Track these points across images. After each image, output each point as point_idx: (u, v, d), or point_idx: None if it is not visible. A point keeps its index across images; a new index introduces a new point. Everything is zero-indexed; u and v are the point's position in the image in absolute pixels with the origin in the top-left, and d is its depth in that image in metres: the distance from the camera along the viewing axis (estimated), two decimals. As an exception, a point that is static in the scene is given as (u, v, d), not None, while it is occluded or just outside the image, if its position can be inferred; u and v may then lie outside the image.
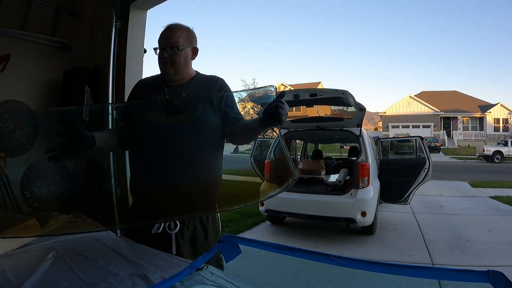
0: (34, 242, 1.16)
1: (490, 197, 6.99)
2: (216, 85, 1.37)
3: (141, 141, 1.33)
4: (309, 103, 4.28)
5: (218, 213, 1.44)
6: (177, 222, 1.27)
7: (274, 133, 5.21)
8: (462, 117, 28.99)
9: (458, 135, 28.11)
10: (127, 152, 1.53)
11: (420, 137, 4.84)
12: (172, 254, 1.19)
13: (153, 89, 1.37)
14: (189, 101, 1.32)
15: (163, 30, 1.31)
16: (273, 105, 1.09)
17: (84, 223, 1.38)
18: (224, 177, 1.45)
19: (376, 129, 43.61)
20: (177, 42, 1.28)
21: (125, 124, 1.43)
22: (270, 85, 1.20)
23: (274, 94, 1.18)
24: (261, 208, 4.40)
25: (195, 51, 1.37)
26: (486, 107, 29.12)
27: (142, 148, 1.33)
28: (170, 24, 1.33)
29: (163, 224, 1.25)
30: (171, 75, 1.33)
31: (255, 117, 1.24)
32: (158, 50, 1.32)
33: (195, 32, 1.38)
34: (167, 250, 1.22)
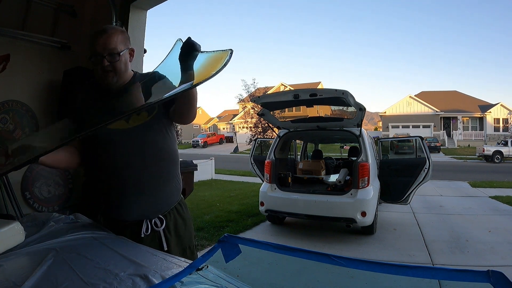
0: (34, 242, 1.16)
1: (490, 197, 6.99)
2: (155, 76, 1.30)
3: (104, 150, 1.26)
4: (309, 103, 4.28)
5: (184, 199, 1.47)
6: (162, 217, 1.30)
7: (274, 133, 5.18)
8: (462, 117, 28.98)
9: (458, 135, 28.10)
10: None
11: (420, 137, 4.84)
12: (165, 252, 1.21)
13: (99, 95, 1.30)
14: (132, 101, 1.27)
15: (97, 36, 1.20)
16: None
17: (84, 224, 1.38)
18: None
19: (376, 129, 43.62)
20: (116, 48, 1.19)
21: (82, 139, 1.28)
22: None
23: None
24: (261, 208, 4.40)
25: (132, 52, 1.30)
26: (486, 107, 29.11)
27: (105, 158, 1.27)
28: (105, 27, 1.22)
29: (149, 224, 1.27)
30: (114, 83, 1.24)
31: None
32: (93, 59, 1.20)
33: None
34: (159, 249, 1.24)
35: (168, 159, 1.33)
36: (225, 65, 1.02)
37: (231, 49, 1.07)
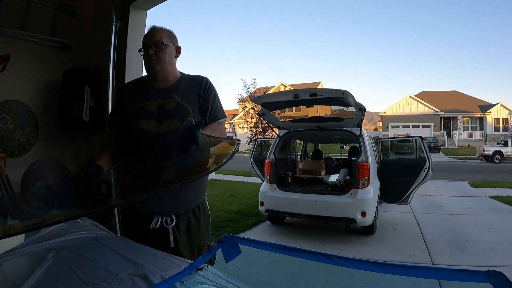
0: (34, 242, 1.16)
1: (490, 197, 6.99)
2: (202, 84, 1.41)
3: (135, 147, 1.37)
4: (309, 103, 4.27)
5: (207, 202, 1.50)
6: (173, 217, 1.33)
7: (274, 133, 5.17)
8: (462, 117, 28.97)
9: (458, 135, 28.09)
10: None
11: (420, 137, 4.83)
12: (171, 248, 1.27)
13: (143, 94, 1.39)
14: (180, 105, 1.35)
15: (147, 32, 1.40)
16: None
17: (84, 224, 1.38)
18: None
19: (376, 129, 43.61)
20: (161, 39, 1.36)
21: (117, 132, 1.44)
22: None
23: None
24: (261, 208, 4.40)
25: (178, 50, 1.43)
26: (486, 107, 29.10)
27: (135, 154, 1.37)
28: (153, 26, 1.42)
29: (160, 219, 1.31)
30: (157, 71, 1.36)
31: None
32: (143, 51, 1.38)
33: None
34: (165, 244, 1.29)
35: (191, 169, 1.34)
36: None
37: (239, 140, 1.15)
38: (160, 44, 1.35)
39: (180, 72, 1.46)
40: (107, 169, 1.32)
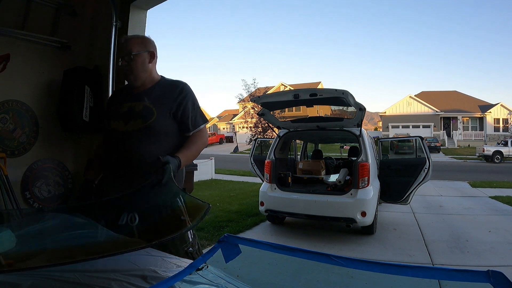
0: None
1: (490, 197, 6.99)
2: (177, 89, 1.46)
3: (106, 147, 1.50)
4: (309, 103, 4.27)
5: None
6: (136, 215, 1.32)
7: (274, 133, 5.17)
8: (462, 117, 28.97)
9: (458, 135, 28.08)
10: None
11: (420, 137, 4.83)
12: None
13: (122, 97, 1.51)
14: (147, 107, 1.41)
15: (118, 42, 1.53)
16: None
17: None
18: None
19: (376, 129, 43.61)
20: (131, 51, 1.41)
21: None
22: None
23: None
24: (261, 208, 4.40)
25: (152, 55, 1.47)
26: (486, 107, 29.10)
27: (106, 153, 1.49)
28: (124, 37, 1.48)
29: (126, 216, 1.31)
30: (132, 81, 1.44)
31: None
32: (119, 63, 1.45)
33: (153, 39, 1.51)
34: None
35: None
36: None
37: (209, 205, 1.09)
38: (130, 56, 1.40)
39: (161, 76, 1.52)
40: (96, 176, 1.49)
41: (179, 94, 1.43)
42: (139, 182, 1.31)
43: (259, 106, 4.57)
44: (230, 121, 40.31)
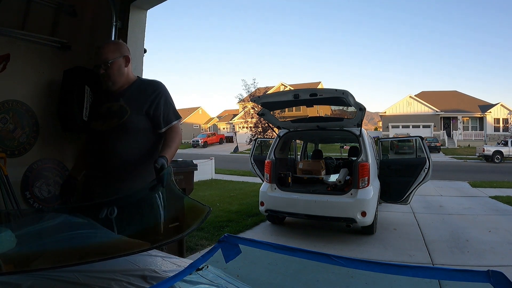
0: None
1: (490, 197, 6.99)
2: (152, 88, 1.54)
3: (87, 146, 1.60)
4: (309, 103, 4.27)
5: None
6: (115, 208, 1.36)
7: (274, 133, 5.18)
8: (462, 117, 28.96)
9: (458, 135, 28.08)
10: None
11: (420, 137, 4.83)
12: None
13: (102, 98, 1.59)
14: (122, 106, 1.49)
15: (94, 51, 1.57)
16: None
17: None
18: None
19: (376, 129, 43.60)
20: (107, 59, 1.47)
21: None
22: None
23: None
24: (261, 208, 4.40)
25: (127, 59, 1.54)
26: (486, 107, 29.09)
27: (87, 152, 1.59)
28: (97, 45, 1.57)
29: (106, 210, 1.35)
30: (110, 86, 1.52)
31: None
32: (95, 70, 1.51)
33: (125, 43, 1.60)
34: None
35: (134, 163, 1.47)
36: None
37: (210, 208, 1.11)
38: (107, 64, 1.47)
39: (137, 77, 1.60)
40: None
41: (152, 92, 1.51)
42: (117, 179, 1.41)
43: (259, 106, 4.57)
44: (230, 121, 40.30)
